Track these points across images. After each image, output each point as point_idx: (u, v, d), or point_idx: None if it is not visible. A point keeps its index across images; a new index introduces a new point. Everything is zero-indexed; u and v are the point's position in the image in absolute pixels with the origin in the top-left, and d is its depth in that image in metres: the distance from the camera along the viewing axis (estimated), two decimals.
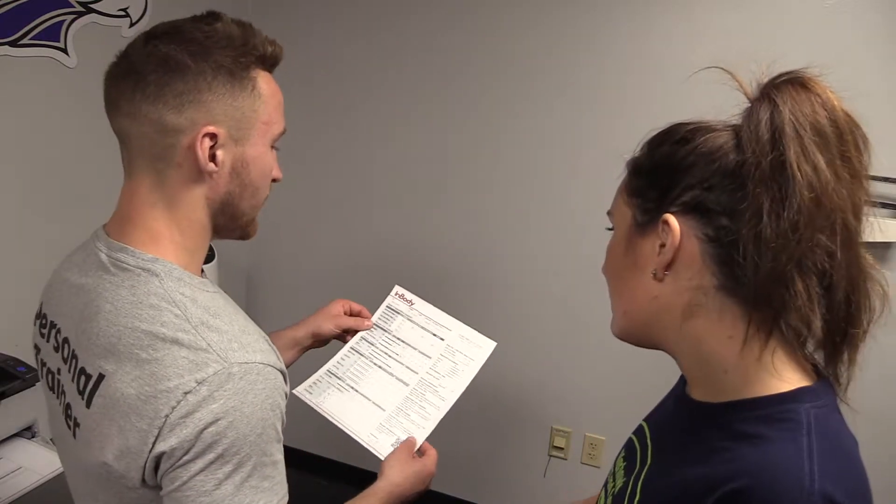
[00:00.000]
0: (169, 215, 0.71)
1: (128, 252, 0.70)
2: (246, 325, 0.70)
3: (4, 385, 1.27)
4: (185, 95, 0.67)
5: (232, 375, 0.64)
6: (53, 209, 1.61)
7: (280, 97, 0.76)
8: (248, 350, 0.66)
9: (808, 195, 0.50)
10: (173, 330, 0.65)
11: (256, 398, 0.65)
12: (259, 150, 0.73)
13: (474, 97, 1.94)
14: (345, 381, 1.11)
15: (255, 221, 0.80)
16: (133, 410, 0.64)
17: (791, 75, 0.54)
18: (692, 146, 0.58)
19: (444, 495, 2.24)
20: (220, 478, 0.63)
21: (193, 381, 0.62)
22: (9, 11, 1.44)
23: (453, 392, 1.06)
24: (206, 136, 0.68)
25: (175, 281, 0.69)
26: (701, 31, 1.69)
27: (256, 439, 0.65)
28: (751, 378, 0.56)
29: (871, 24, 1.56)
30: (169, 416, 0.62)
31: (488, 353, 1.11)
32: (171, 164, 0.69)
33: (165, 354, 0.64)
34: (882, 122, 1.54)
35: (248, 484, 0.65)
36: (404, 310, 1.18)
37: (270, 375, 0.67)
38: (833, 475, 0.50)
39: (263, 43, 0.73)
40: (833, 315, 0.54)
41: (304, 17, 2.09)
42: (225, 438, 0.62)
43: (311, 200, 2.22)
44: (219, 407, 0.62)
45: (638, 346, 0.66)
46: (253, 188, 0.74)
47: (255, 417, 0.64)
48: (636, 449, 0.72)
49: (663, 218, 0.58)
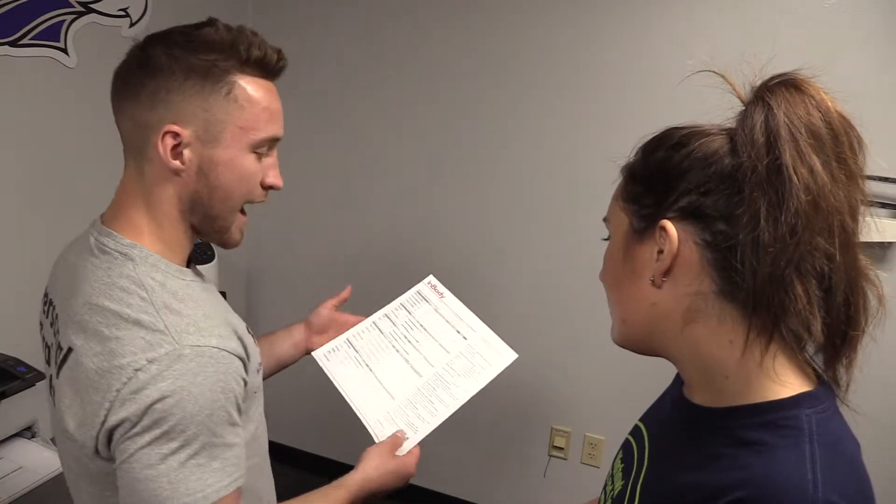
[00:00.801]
0: (147, 208, 0.75)
1: (111, 237, 0.74)
2: (212, 312, 0.73)
3: (4, 385, 1.27)
4: (156, 94, 0.71)
5: (182, 356, 0.67)
6: (54, 209, 1.61)
7: (268, 104, 0.75)
8: (205, 334, 0.69)
9: (805, 198, 0.50)
10: (137, 311, 0.69)
11: (206, 380, 0.67)
12: (232, 153, 0.74)
13: (476, 97, 1.94)
14: (361, 354, 1.11)
15: (233, 230, 0.80)
16: (91, 384, 0.68)
17: (784, 77, 0.54)
18: (687, 151, 0.57)
19: (445, 495, 2.24)
20: (164, 453, 0.66)
21: (145, 360, 0.66)
22: (9, 11, 1.44)
23: (465, 392, 1.05)
24: (168, 134, 0.71)
25: (149, 266, 0.73)
26: (700, 32, 1.68)
27: (205, 419, 0.67)
28: (752, 383, 0.56)
29: (871, 23, 1.56)
30: (120, 390, 0.66)
31: (508, 362, 1.10)
32: (145, 158, 0.74)
33: (126, 333, 0.68)
34: (882, 122, 1.55)
35: (193, 462, 0.67)
36: (433, 300, 1.18)
37: (224, 360, 0.70)
38: (836, 482, 0.49)
39: (250, 48, 0.73)
40: (833, 318, 0.54)
41: (305, 16, 2.09)
42: (172, 416, 0.65)
43: (311, 200, 2.22)
44: (167, 385, 0.65)
45: (638, 353, 0.66)
46: (223, 191, 0.75)
47: (204, 398, 0.67)
48: (634, 451, 0.71)
49: (661, 224, 0.58)
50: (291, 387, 2.17)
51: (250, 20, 2.10)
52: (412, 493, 2.33)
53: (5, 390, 1.26)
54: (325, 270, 2.26)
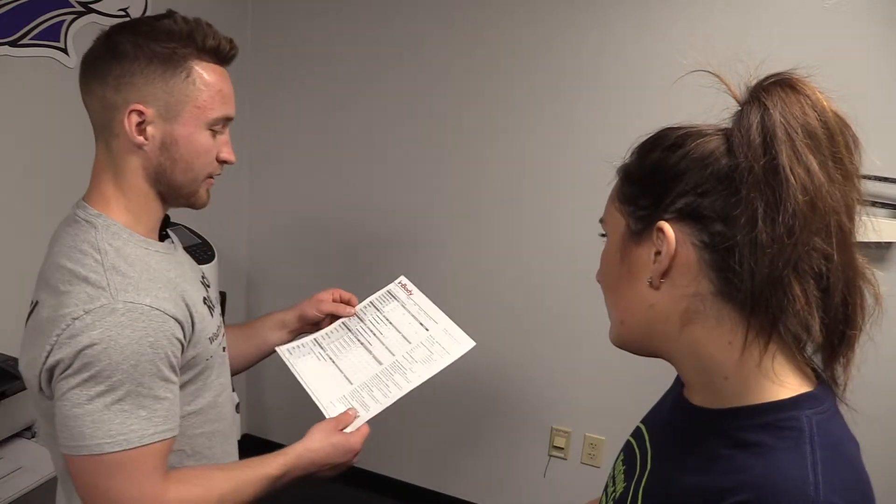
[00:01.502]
0: (115, 181, 0.84)
1: (83, 208, 0.84)
2: (159, 276, 0.81)
3: (4, 385, 1.27)
4: (122, 78, 0.79)
5: (115, 310, 0.75)
6: (54, 209, 1.60)
7: (221, 87, 0.84)
8: (141, 293, 0.77)
9: (802, 198, 0.50)
10: (88, 270, 0.77)
11: (134, 333, 0.75)
12: (189, 130, 0.83)
13: (476, 94, 1.94)
14: (326, 351, 1.15)
15: (200, 193, 0.88)
16: (40, 329, 0.77)
17: (779, 77, 0.53)
18: (684, 152, 0.57)
19: (445, 495, 2.24)
20: (91, 395, 0.74)
21: (82, 311, 0.74)
22: (9, 11, 1.44)
23: (419, 377, 1.08)
24: (133, 113, 0.79)
25: (110, 234, 0.81)
26: (700, 32, 1.68)
27: (130, 369, 0.75)
28: (751, 384, 0.56)
29: (871, 24, 1.56)
30: (60, 335, 0.74)
31: (465, 350, 1.12)
32: (112, 134, 0.82)
33: (75, 288, 0.76)
34: (882, 122, 1.55)
35: (118, 406, 0.75)
36: (402, 297, 1.22)
37: (156, 318, 0.77)
38: (837, 484, 0.49)
39: (205, 38, 0.82)
40: (831, 317, 0.54)
41: (304, 15, 2.09)
42: (99, 362, 0.73)
43: (310, 200, 2.22)
44: (98, 334, 0.74)
45: (636, 354, 0.66)
46: (184, 163, 0.84)
47: (130, 349, 0.75)
48: (635, 453, 0.71)
49: (658, 226, 0.57)
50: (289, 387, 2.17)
51: (250, 20, 2.10)
52: (412, 492, 2.33)
53: (5, 390, 1.26)
54: (324, 270, 2.25)
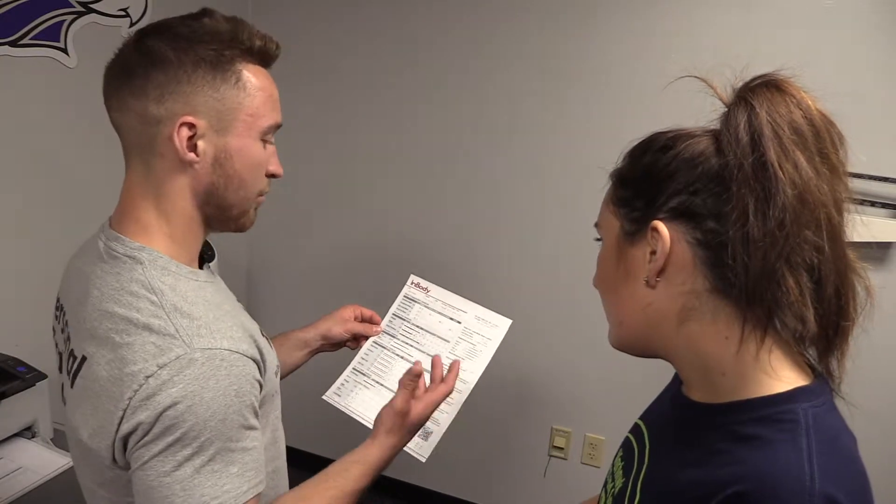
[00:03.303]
0: (157, 206, 0.73)
1: (119, 241, 0.72)
2: (224, 314, 0.72)
3: (4, 385, 1.27)
4: (165, 87, 0.69)
5: (194, 361, 0.65)
6: (54, 209, 1.61)
7: (271, 91, 0.76)
8: (216, 336, 0.68)
9: (791, 192, 0.51)
10: (147, 316, 0.67)
11: (219, 384, 0.65)
12: (244, 142, 0.74)
13: (477, 94, 1.94)
14: (370, 377, 1.12)
15: (250, 213, 0.80)
16: (104, 392, 0.67)
17: (765, 78, 0.55)
18: (674, 153, 0.59)
19: (445, 495, 2.24)
20: (179, 460, 0.64)
21: (155, 366, 0.64)
22: (9, 11, 1.44)
23: (473, 374, 1.07)
24: (184, 126, 0.69)
25: (159, 269, 0.71)
26: (700, 32, 1.68)
27: (218, 424, 0.65)
28: (748, 379, 0.57)
29: (871, 24, 1.56)
30: (132, 398, 0.64)
31: (505, 330, 1.11)
32: (155, 154, 0.71)
33: (136, 339, 0.66)
34: (882, 122, 1.55)
35: (209, 468, 0.65)
36: (420, 298, 1.20)
37: (237, 362, 0.68)
38: (834, 476, 0.50)
39: (251, 37, 0.74)
40: (825, 308, 0.55)
41: (304, 16, 2.09)
42: (184, 422, 0.64)
43: (311, 198, 2.22)
44: (178, 391, 0.64)
45: (636, 355, 0.67)
46: (239, 179, 0.75)
47: (217, 403, 0.65)
48: (634, 449, 0.72)
49: (652, 225, 0.59)
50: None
51: (250, 20, 2.09)
52: (412, 492, 2.33)
53: (5, 390, 1.26)
54: (325, 267, 2.26)
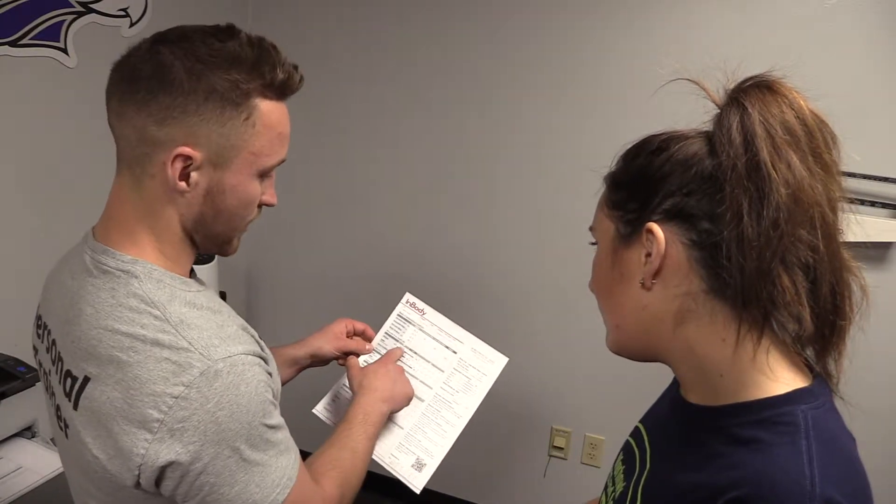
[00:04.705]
0: (147, 220, 0.70)
1: (109, 254, 0.69)
2: (226, 320, 0.71)
3: (4, 385, 1.27)
4: (169, 111, 0.65)
5: (219, 372, 0.64)
6: (53, 209, 1.61)
7: (282, 129, 0.72)
8: (229, 342, 0.67)
9: (784, 192, 0.51)
10: (153, 331, 0.65)
11: (248, 386, 0.66)
12: (240, 179, 0.70)
13: (480, 100, 1.94)
14: None
15: (234, 243, 0.78)
16: (120, 413, 0.64)
17: (757, 79, 0.55)
18: (668, 155, 0.59)
19: (445, 495, 2.24)
20: (241, 466, 0.66)
21: (181, 385, 0.63)
22: (9, 11, 1.44)
23: (468, 409, 1.08)
24: (179, 157, 0.66)
25: (155, 282, 0.68)
26: (701, 32, 1.68)
27: (256, 420, 0.67)
28: (746, 380, 0.56)
29: (872, 23, 1.56)
30: (163, 420, 0.62)
31: (500, 368, 1.12)
32: (146, 173, 0.68)
33: (147, 356, 0.64)
34: (882, 121, 1.55)
35: (265, 456, 0.69)
36: (416, 319, 1.17)
37: (255, 364, 0.69)
38: (834, 478, 0.50)
39: (274, 70, 0.69)
40: (821, 307, 0.55)
41: (304, 18, 2.09)
42: (229, 431, 0.64)
43: (311, 201, 2.22)
44: (213, 406, 0.63)
45: (634, 359, 0.67)
46: (228, 214, 0.72)
47: (252, 404, 0.66)
48: (634, 453, 0.72)
49: (647, 227, 0.59)
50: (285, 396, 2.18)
51: (250, 21, 2.11)
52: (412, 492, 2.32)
53: (5, 390, 1.26)
54: (325, 271, 2.25)
